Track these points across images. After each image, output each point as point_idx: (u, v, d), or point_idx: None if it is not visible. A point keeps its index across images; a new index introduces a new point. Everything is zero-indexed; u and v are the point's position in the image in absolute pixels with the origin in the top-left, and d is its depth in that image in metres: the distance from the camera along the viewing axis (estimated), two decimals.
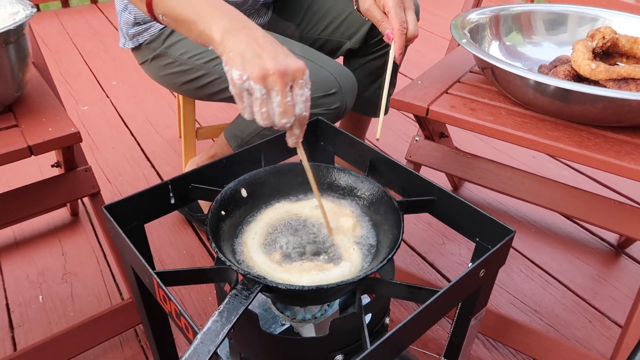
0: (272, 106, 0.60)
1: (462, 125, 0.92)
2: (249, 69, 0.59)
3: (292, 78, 0.60)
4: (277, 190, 0.77)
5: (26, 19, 0.86)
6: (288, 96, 0.59)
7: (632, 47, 0.92)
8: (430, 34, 2.81)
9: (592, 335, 1.19)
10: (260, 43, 0.62)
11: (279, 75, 0.58)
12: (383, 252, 0.66)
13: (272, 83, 0.59)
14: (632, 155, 0.81)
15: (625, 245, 1.42)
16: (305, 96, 0.61)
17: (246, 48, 0.61)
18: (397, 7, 0.83)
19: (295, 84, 0.60)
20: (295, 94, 0.60)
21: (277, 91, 0.59)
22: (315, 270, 0.65)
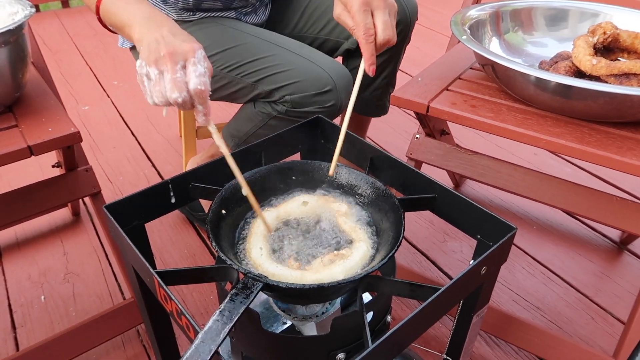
0: (163, 84, 0.65)
1: (462, 122, 0.92)
2: (146, 57, 0.66)
3: (182, 57, 0.65)
4: (278, 188, 0.77)
5: (25, 18, 0.86)
6: (177, 73, 0.64)
7: (634, 42, 0.91)
8: (430, 30, 2.81)
9: (594, 332, 1.18)
10: (164, 35, 0.68)
11: (169, 55, 0.64)
12: (384, 250, 0.66)
13: (163, 64, 0.65)
14: (633, 151, 0.80)
15: (627, 242, 1.42)
16: (199, 72, 0.65)
17: (151, 41, 0.67)
18: (361, 12, 0.73)
19: (187, 63, 0.65)
20: (188, 70, 0.65)
21: (167, 70, 0.65)
22: (338, 260, 0.65)
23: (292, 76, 1.00)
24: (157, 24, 0.70)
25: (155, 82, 0.66)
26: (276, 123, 1.06)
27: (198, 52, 0.66)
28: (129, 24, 0.73)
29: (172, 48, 0.65)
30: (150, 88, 0.67)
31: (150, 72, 0.66)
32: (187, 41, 0.67)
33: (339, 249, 0.68)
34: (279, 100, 1.03)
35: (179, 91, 0.64)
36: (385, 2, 0.74)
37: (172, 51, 0.65)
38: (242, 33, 1.07)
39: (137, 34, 0.71)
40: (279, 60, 1.02)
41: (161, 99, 0.66)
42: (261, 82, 1.03)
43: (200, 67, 0.65)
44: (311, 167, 0.78)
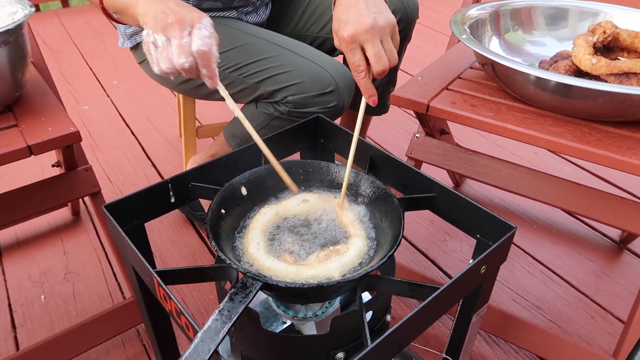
0: (170, 50, 0.67)
1: (462, 121, 0.92)
2: (153, 25, 0.68)
3: (189, 24, 0.67)
4: (277, 188, 0.77)
5: (25, 18, 0.86)
6: (184, 38, 0.66)
7: (634, 41, 0.91)
8: (430, 30, 2.81)
9: (594, 331, 1.18)
10: (170, 7, 0.70)
11: (177, 22, 0.67)
12: (384, 249, 0.66)
13: (171, 31, 0.67)
14: (633, 150, 0.80)
15: (627, 241, 1.42)
16: (203, 34, 0.67)
17: (157, 12, 0.69)
18: (348, 51, 0.73)
19: (194, 28, 0.67)
20: (193, 34, 0.67)
21: (175, 36, 0.67)
22: (334, 255, 0.65)
23: (294, 77, 1.00)
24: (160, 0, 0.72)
25: (163, 48, 0.68)
26: (278, 123, 1.06)
27: (204, 19, 0.68)
28: (133, 3, 0.74)
29: (179, 16, 0.67)
30: (157, 55, 0.69)
31: (157, 39, 0.68)
32: (193, 10, 0.70)
33: (335, 244, 0.68)
34: (281, 100, 1.03)
35: (185, 56, 0.66)
36: (373, 30, 0.71)
37: (180, 19, 0.67)
38: (244, 33, 1.07)
39: (142, 8, 0.72)
40: (281, 61, 1.02)
41: (168, 65, 0.68)
42: (263, 82, 1.03)
43: (205, 31, 0.67)
44: (311, 166, 0.78)
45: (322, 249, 0.67)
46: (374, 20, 0.71)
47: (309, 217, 0.73)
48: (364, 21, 0.71)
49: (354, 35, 0.71)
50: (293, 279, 0.62)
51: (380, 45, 0.71)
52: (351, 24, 0.71)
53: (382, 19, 0.71)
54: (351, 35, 0.71)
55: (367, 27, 0.70)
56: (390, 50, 0.73)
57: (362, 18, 0.71)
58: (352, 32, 0.71)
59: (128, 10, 0.76)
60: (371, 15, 0.71)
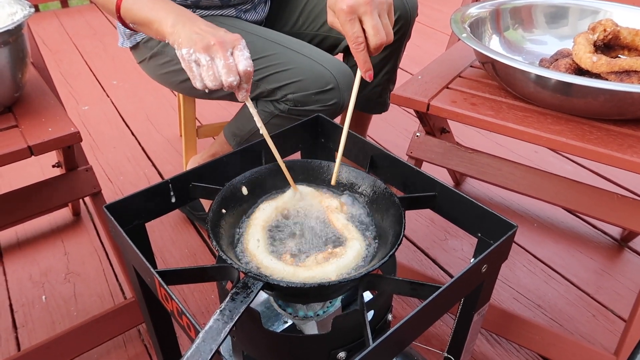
0: (216, 69, 0.72)
1: (462, 120, 0.92)
2: (195, 45, 0.73)
3: (231, 45, 0.73)
4: (278, 187, 0.77)
5: (24, 19, 0.86)
6: (230, 59, 0.72)
7: (634, 39, 0.91)
8: (430, 29, 2.81)
9: (596, 329, 1.18)
10: (202, 28, 0.75)
11: (219, 44, 0.72)
12: (385, 249, 0.66)
13: (214, 51, 0.72)
14: (634, 148, 0.80)
15: (628, 239, 1.42)
16: (246, 55, 0.73)
17: (191, 33, 0.75)
18: (347, 22, 0.71)
19: (235, 49, 0.73)
20: (236, 55, 0.72)
21: (219, 57, 0.72)
22: (332, 258, 0.65)
23: (294, 75, 1.00)
24: (190, 20, 0.78)
25: (208, 67, 0.72)
26: (278, 122, 1.06)
27: (242, 40, 0.73)
28: (158, 19, 0.79)
29: (220, 38, 0.72)
30: (201, 73, 0.73)
31: (200, 59, 0.73)
32: (228, 33, 0.75)
33: (335, 246, 0.68)
34: (281, 99, 1.03)
35: (233, 75, 0.71)
36: (372, 2, 0.71)
37: (221, 41, 0.72)
38: (243, 32, 1.07)
39: (171, 28, 0.77)
40: (281, 59, 1.02)
41: (215, 82, 0.73)
42: (263, 81, 1.03)
43: (246, 52, 0.73)
44: (311, 165, 0.78)
45: (320, 251, 0.68)
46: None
47: (309, 217, 0.73)
48: None
49: (353, 6, 0.70)
50: (290, 279, 0.62)
51: (379, 18, 0.71)
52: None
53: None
54: (350, 5, 0.70)
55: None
56: (387, 25, 0.73)
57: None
58: (352, 2, 0.70)
59: (152, 25, 0.81)
60: None
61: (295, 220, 0.72)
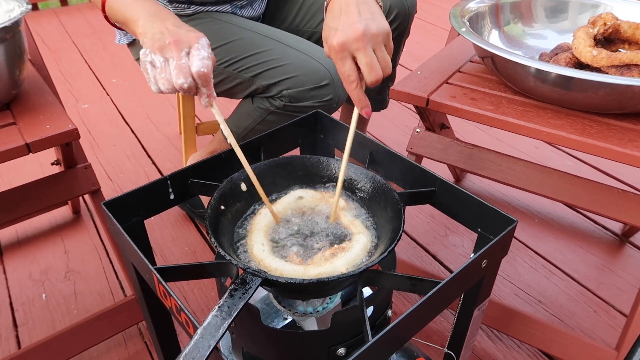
0: (169, 70, 0.67)
1: (462, 115, 0.91)
2: (151, 45, 0.68)
3: (187, 45, 0.67)
4: (277, 184, 0.77)
5: (21, 15, 0.85)
6: (182, 59, 0.66)
7: (634, 33, 0.91)
8: (430, 25, 2.80)
9: (597, 324, 1.18)
10: (168, 27, 0.70)
11: (174, 43, 0.66)
12: (384, 244, 0.65)
13: (168, 51, 0.67)
14: (634, 142, 0.80)
15: (629, 234, 1.42)
16: (202, 55, 0.66)
17: (155, 32, 0.69)
18: (338, 60, 0.67)
19: (192, 48, 0.67)
20: (192, 55, 0.66)
21: (173, 57, 0.66)
22: (340, 253, 0.65)
23: (289, 71, 1.00)
24: (161, 19, 0.72)
25: (161, 69, 0.68)
26: (274, 118, 1.05)
27: (202, 39, 0.68)
28: (134, 19, 0.75)
29: (176, 37, 0.67)
30: (155, 75, 0.69)
31: (155, 60, 0.68)
32: (191, 31, 0.70)
33: (340, 242, 0.68)
34: (276, 95, 1.02)
35: (184, 77, 0.66)
36: (365, 37, 0.65)
37: (177, 39, 0.67)
38: (239, 28, 1.07)
39: (141, 28, 0.72)
40: (276, 55, 1.01)
41: (167, 86, 0.68)
42: (258, 77, 1.02)
43: (204, 52, 0.67)
44: (311, 162, 0.78)
45: (327, 248, 0.67)
46: (365, 27, 0.66)
47: (311, 216, 0.72)
48: (355, 28, 0.66)
49: (344, 43, 0.66)
50: (301, 277, 0.62)
51: (373, 54, 0.66)
52: (341, 31, 0.66)
53: (374, 26, 0.66)
54: (341, 43, 0.66)
55: (358, 35, 0.65)
56: (383, 59, 0.68)
57: (353, 25, 0.66)
58: (342, 40, 0.66)
59: (129, 24, 0.77)
60: (363, 21, 0.66)
61: (297, 221, 0.72)
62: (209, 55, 0.67)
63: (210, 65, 0.67)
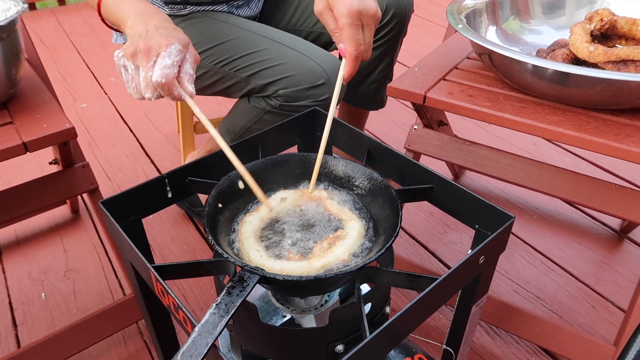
0: (139, 81, 0.67)
1: (459, 111, 0.91)
2: (126, 49, 0.67)
3: (155, 53, 0.65)
4: (275, 181, 0.77)
5: (17, 14, 0.85)
6: (150, 71, 0.65)
7: (631, 28, 0.90)
8: (427, 22, 2.80)
9: (595, 320, 1.18)
10: (149, 29, 0.69)
11: (144, 52, 0.65)
12: (382, 241, 0.65)
13: (139, 60, 0.66)
14: (632, 137, 0.80)
15: (627, 230, 1.42)
16: (164, 64, 0.64)
17: (135, 34, 0.69)
18: (353, 26, 0.69)
19: (158, 57, 0.65)
20: (156, 64, 0.65)
21: (142, 67, 0.66)
22: (337, 241, 0.66)
23: (285, 70, 0.99)
24: (145, 19, 0.72)
25: (132, 77, 0.68)
26: (270, 118, 1.05)
27: (171, 46, 0.65)
28: (124, 19, 0.75)
29: (148, 44, 0.65)
30: (127, 80, 0.69)
31: (127, 65, 0.68)
32: (165, 35, 0.67)
33: (334, 231, 0.68)
34: (272, 94, 1.02)
35: (151, 91, 0.66)
36: (374, 17, 0.69)
37: (147, 47, 0.65)
38: (235, 27, 1.07)
39: (129, 29, 0.73)
40: (272, 54, 1.01)
41: (137, 95, 0.68)
42: (254, 76, 1.02)
43: (168, 60, 0.65)
44: (308, 159, 0.78)
45: (322, 240, 0.67)
46: (376, 9, 0.69)
47: (298, 212, 0.72)
48: (369, 4, 0.69)
49: (361, 13, 0.68)
50: (308, 272, 0.62)
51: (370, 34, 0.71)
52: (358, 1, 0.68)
53: (378, 12, 0.70)
54: (359, 10, 0.67)
55: (371, 12, 0.69)
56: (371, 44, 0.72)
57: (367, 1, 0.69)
58: (361, 8, 0.67)
59: (120, 26, 0.77)
60: (373, 2, 0.70)
61: (285, 220, 0.72)
62: (173, 62, 0.65)
63: (171, 73, 0.65)
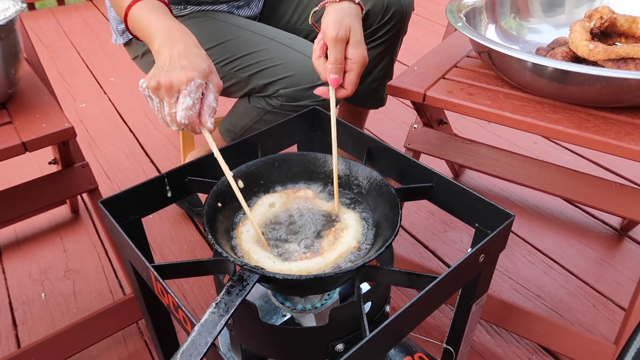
0: (164, 114, 0.69)
1: (459, 110, 0.91)
2: (149, 80, 0.68)
3: (177, 89, 0.67)
4: (274, 180, 0.77)
5: (16, 14, 0.85)
6: (174, 107, 0.67)
7: (631, 26, 0.90)
8: (428, 21, 2.79)
9: (596, 319, 1.18)
10: (173, 56, 0.70)
11: (166, 89, 0.67)
12: (381, 239, 0.65)
13: (162, 95, 0.68)
14: (632, 135, 0.80)
15: (628, 228, 1.42)
16: (186, 105, 0.66)
17: (160, 61, 0.71)
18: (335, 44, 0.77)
19: (180, 94, 0.67)
20: (178, 104, 0.67)
21: (165, 103, 0.68)
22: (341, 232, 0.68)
23: (285, 70, 0.99)
24: (172, 43, 0.72)
25: (158, 110, 0.70)
26: (271, 117, 1.05)
27: (191, 83, 0.66)
28: (151, 38, 0.75)
29: (169, 80, 0.66)
30: (156, 112, 0.71)
31: (152, 98, 0.70)
32: (186, 68, 0.67)
33: (332, 226, 0.69)
34: (273, 94, 1.02)
35: (176, 125, 0.69)
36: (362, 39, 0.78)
37: (168, 84, 0.66)
38: (235, 27, 1.07)
39: (155, 52, 0.74)
40: (272, 54, 1.01)
41: (165, 125, 0.71)
42: (255, 76, 1.02)
43: (189, 100, 0.66)
44: (308, 158, 0.78)
45: (326, 235, 0.68)
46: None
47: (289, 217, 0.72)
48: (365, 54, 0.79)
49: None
50: (325, 267, 0.63)
51: None
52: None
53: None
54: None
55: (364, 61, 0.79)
56: None
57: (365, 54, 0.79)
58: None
59: (147, 44, 0.77)
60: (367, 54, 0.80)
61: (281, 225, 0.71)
62: (194, 102, 0.67)
63: (193, 114, 0.67)
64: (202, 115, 0.69)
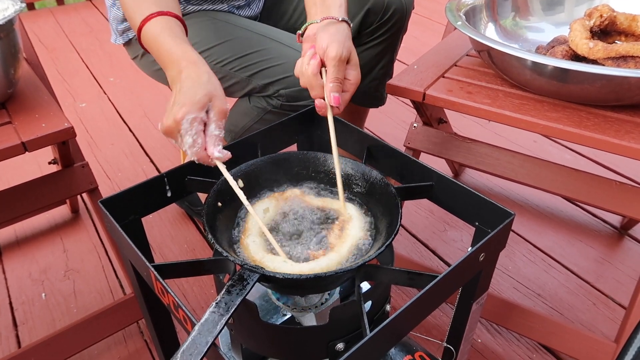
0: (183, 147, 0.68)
1: (459, 109, 0.91)
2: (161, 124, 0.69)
3: (177, 131, 0.67)
4: (274, 180, 0.77)
5: (15, 14, 0.85)
6: (182, 146, 0.68)
7: (631, 24, 0.90)
8: (428, 20, 2.79)
9: (596, 317, 1.18)
10: (176, 91, 0.69)
11: (167, 134, 0.68)
12: (382, 239, 0.65)
13: (170, 137, 0.69)
14: (631, 134, 0.79)
15: (628, 227, 1.42)
16: (187, 144, 0.66)
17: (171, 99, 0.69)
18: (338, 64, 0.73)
19: (183, 134, 0.66)
20: (183, 143, 0.67)
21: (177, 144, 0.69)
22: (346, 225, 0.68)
23: (286, 70, 0.99)
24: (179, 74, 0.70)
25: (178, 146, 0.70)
26: (271, 117, 1.05)
27: (183, 121, 0.66)
28: (165, 66, 0.74)
29: (168, 124, 0.67)
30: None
31: None
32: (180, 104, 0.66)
33: (334, 221, 0.70)
34: (273, 94, 1.02)
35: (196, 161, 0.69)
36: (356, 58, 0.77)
37: (168, 130, 0.67)
38: (235, 27, 1.06)
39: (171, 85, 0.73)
40: (273, 54, 1.01)
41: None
42: (255, 76, 1.02)
43: (188, 138, 0.66)
44: (307, 157, 0.78)
45: (331, 229, 0.68)
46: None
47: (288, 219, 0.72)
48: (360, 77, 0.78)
49: None
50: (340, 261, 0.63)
51: None
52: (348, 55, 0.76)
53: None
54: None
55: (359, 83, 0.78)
56: None
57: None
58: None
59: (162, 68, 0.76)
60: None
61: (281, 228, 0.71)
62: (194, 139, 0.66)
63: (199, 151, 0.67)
64: (208, 147, 0.68)
